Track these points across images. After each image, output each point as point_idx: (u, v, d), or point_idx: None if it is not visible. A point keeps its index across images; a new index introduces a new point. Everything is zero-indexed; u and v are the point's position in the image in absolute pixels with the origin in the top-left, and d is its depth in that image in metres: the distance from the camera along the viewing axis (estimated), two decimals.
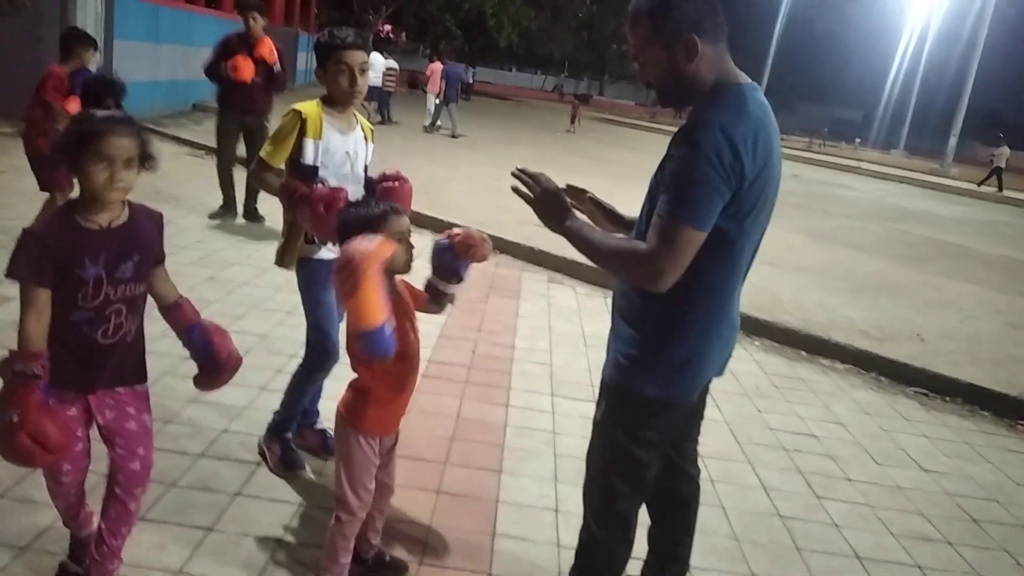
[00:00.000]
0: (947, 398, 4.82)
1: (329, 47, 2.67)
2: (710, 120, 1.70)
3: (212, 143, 10.47)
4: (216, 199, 6.71)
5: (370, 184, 2.82)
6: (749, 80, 1.83)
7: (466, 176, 10.75)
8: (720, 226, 1.73)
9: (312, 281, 2.80)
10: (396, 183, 2.73)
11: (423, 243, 2.31)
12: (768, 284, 6.62)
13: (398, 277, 2.20)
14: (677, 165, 1.71)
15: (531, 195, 1.96)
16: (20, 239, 1.80)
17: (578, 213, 1.98)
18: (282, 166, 2.73)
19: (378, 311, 1.86)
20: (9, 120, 9.49)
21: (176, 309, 2.10)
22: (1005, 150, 24.55)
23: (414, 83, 32.70)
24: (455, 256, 2.26)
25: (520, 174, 1.97)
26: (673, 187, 1.71)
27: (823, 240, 9.87)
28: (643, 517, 2.23)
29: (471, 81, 36.89)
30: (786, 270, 7.50)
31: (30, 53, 10.30)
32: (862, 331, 5.68)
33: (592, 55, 55.02)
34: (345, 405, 2.21)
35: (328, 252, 2.75)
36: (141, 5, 12.23)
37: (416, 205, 8.94)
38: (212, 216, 6.59)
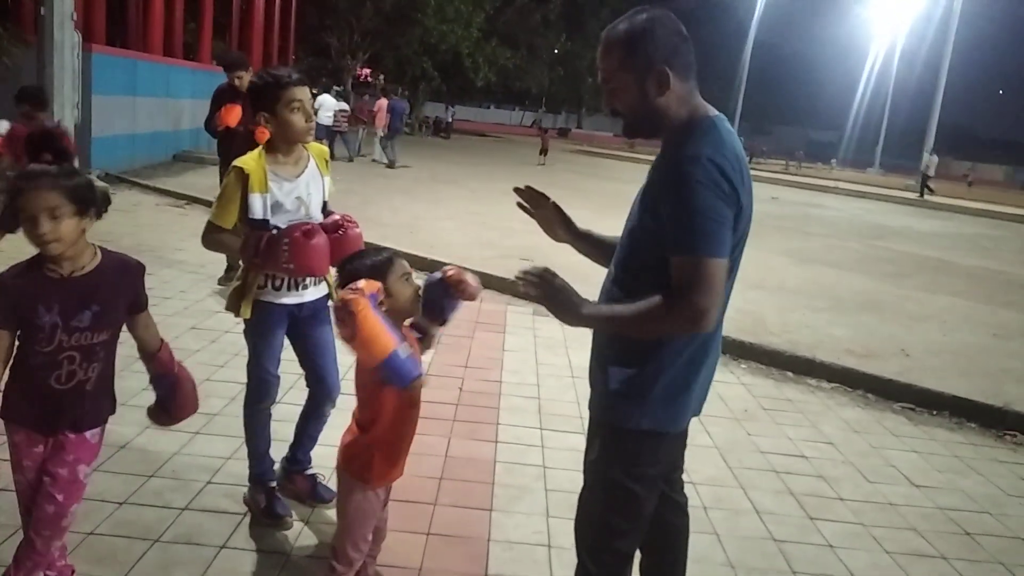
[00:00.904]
0: (934, 412, 4.84)
1: (278, 86, 2.61)
2: (696, 153, 1.71)
3: (194, 193, 10.48)
4: (197, 251, 6.69)
5: (324, 228, 2.68)
6: (717, 112, 1.86)
7: (448, 213, 10.81)
8: None
9: (259, 321, 2.76)
10: (341, 232, 2.67)
11: None
12: (752, 307, 6.66)
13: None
14: (677, 204, 1.70)
15: (540, 293, 1.85)
16: None
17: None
18: (232, 226, 2.66)
19: (385, 340, 1.92)
20: None
21: (152, 358, 2.16)
22: (934, 158, 27.27)
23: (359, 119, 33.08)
24: (446, 292, 2.26)
25: (524, 276, 1.86)
26: (684, 225, 1.70)
27: (804, 260, 9.97)
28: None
29: (450, 120, 37.27)
30: (769, 292, 7.55)
31: (7, 109, 10.35)
32: (847, 349, 5.72)
33: (569, 89, 55.71)
34: (348, 458, 2.18)
35: (273, 294, 2.73)
36: (118, 60, 12.33)
37: (399, 243, 8.98)
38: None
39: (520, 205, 2.03)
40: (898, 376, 5.16)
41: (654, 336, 1.83)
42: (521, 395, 4.43)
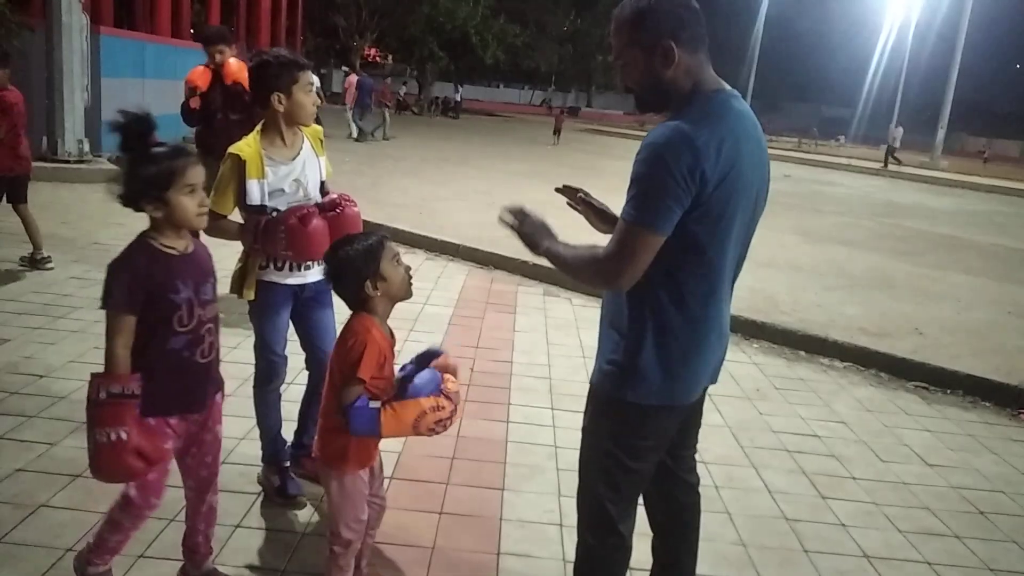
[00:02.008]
0: (948, 391, 4.81)
1: (297, 67, 2.64)
2: (673, 126, 1.73)
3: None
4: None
5: (321, 207, 2.69)
6: (729, 88, 1.85)
7: (458, 193, 10.78)
8: (691, 231, 1.75)
9: (263, 302, 2.78)
10: (338, 211, 2.67)
11: (416, 262, 2.32)
12: (764, 285, 6.62)
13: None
14: (637, 170, 1.76)
15: (513, 223, 2.06)
16: (111, 271, 1.95)
17: (557, 232, 2.04)
18: (229, 212, 2.68)
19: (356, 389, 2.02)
20: None
21: None
22: (899, 130, 28.29)
23: (403, 104, 33.08)
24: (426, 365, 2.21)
25: (503, 209, 2.09)
26: (632, 191, 1.76)
27: (816, 238, 9.89)
28: (646, 528, 2.22)
29: (459, 100, 37.07)
30: (781, 270, 7.51)
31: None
32: (860, 328, 5.68)
33: (578, 67, 55.33)
34: (323, 447, 2.16)
35: (276, 275, 2.74)
36: (126, 42, 12.31)
37: (410, 225, 8.97)
38: None
39: (570, 204, 2.18)
40: (912, 355, 5.12)
41: (582, 282, 2.01)
42: (532, 375, 4.44)
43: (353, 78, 19.17)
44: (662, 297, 1.82)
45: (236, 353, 4.25)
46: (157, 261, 1.98)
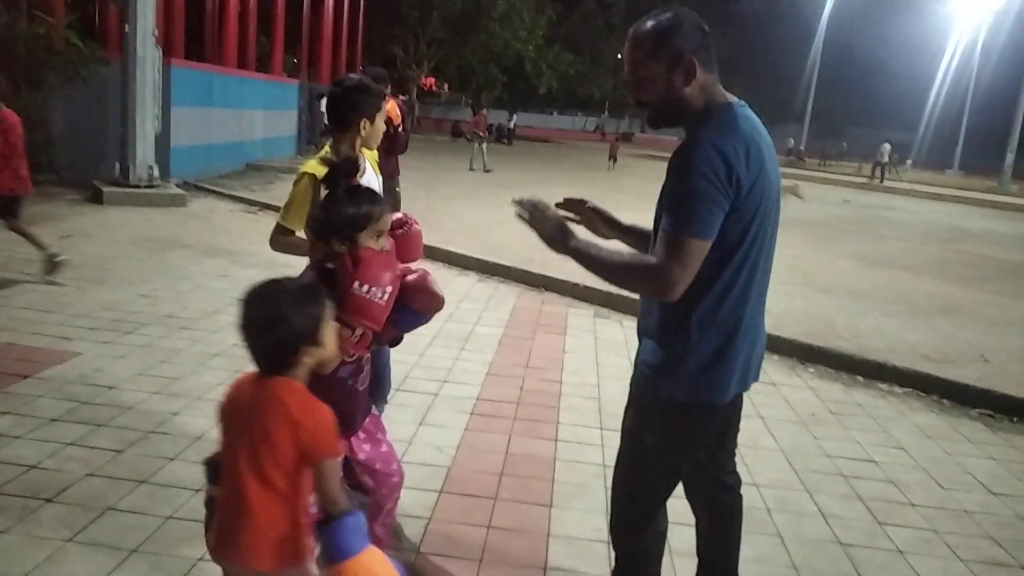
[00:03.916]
0: (1015, 419, 4.63)
1: (380, 97, 2.79)
2: (701, 138, 1.83)
3: (265, 199, 10.79)
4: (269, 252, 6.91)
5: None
6: (737, 100, 1.96)
7: (509, 218, 10.81)
8: (725, 235, 1.84)
9: None
10: (406, 228, 2.76)
11: (468, 284, 2.37)
12: (821, 310, 6.50)
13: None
14: (674, 183, 1.84)
15: (530, 220, 2.06)
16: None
17: (576, 228, 2.09)
18: (300, 229, 2.73)
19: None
20: (77, 188, 10.04)
21: None
22: (886, 147, 28.57)
23: (457, 131, 33.64)
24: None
25: (519, 202, 2.08)
26: (674, 203, 1.84)
27: (877, 264, 9.66)
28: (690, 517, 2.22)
29: (512, 127, 37.52)
30: (839, 296, 7.35)
31: (95, 122, 10.96)
32: (922, 354, 5.52)
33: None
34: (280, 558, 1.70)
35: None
36: (195, 73, 12.87)
37: (463, 247, 9.08)
38: None
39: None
40: (976, 382, 4.95)
41: (623, 287, 2.00)
42: (581, 395, 4.44)
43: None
44: (697, 298, 1.88)
45: None
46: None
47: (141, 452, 3.25)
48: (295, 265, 2.81)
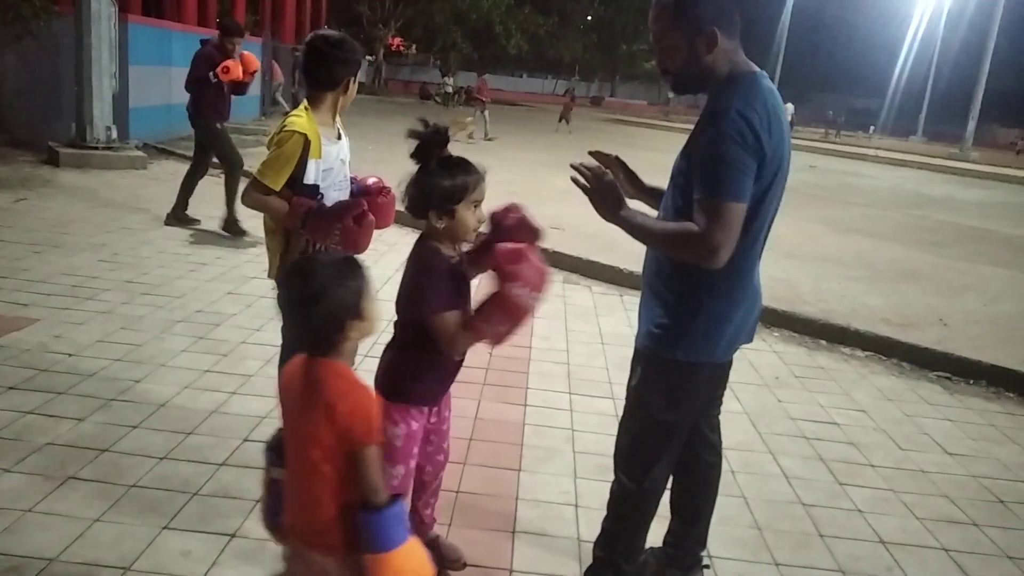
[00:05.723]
0: (971, 381, 4.76)
1: (362, 56, 2.73)
2: (727, 106, 1.87)
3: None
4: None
5: (369, 191, 2.80)
6: (759, 69, 2.00)
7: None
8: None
9: None
10: (381, 197, 2.75)
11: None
12: (787, 275, 6.58)
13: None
14: (706, 151, 1.88)
15: (588, 186, 2.08)
16: (423, 282, 2.06)
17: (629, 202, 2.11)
18: (279, 188, 2.61)
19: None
20: (31, 149, 9.71)
21: None
22: (789, 107, 28.74)
23: (426, 93, 33.14)
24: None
25: (579, 166, 2.10)
26: (708, 170, 1.88)
27: (842, 229, 9.79)
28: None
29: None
30: (804, 260, 7.45)
31: (48, 80, 10.55)
32: (883, 318, 5.63)
33: (602, 57, 54.97)
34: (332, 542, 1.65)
35: None
36: (153, 30, 12.44)
37: None
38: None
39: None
40: (935, 345, 5.07)
41: (670, 254, 2.03)
42: (550, 360, 4.46)
43: (274, 62, 18.37)
44: None
45: (260, 335, 4.32)
46: (451, 267, 2.09)
47: (103, 420, 3.19)
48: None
